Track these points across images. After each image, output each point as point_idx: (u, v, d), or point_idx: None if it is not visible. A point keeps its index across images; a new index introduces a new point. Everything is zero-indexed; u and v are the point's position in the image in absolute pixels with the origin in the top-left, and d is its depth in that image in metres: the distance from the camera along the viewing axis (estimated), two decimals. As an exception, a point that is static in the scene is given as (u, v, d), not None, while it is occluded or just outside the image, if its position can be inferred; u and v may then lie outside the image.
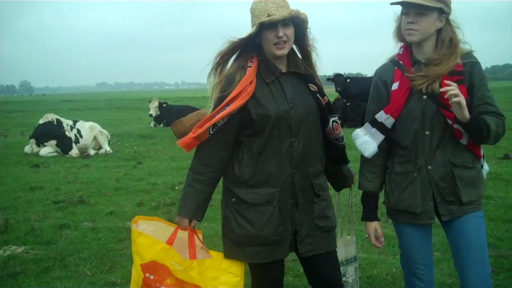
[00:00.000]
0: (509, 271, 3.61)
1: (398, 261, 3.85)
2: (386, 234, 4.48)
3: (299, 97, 2.25)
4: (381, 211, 5.14)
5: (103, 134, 11.09)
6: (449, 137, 2.20)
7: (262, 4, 2.16)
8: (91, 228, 5.04)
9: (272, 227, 2.20)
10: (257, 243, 2.21)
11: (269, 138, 2.19)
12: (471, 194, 2.21)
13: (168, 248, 2.27)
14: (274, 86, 2.23)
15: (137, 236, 2.30)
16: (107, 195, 6.59)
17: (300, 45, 2.33)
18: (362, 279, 3.58)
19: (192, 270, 2.24)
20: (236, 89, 2.15)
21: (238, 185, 2.23)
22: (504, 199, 5.61)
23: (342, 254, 2.70)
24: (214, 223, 4.91)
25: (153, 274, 2.26)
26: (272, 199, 2.20)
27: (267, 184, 2.20)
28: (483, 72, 2.24)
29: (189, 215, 2.25)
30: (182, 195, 2.31)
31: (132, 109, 31.35)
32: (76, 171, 8.57)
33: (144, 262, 2.27)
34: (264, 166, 2.19)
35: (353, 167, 2.73)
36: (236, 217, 2.23)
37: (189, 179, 2.27)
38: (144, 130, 15.87)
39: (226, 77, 2.23)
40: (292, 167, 2.22)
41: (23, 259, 4.15)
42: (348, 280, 2.75)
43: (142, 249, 2.29)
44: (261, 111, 2.17)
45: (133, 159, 9.87)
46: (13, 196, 6.53)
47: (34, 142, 10.56)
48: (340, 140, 2.40)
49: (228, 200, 2.27)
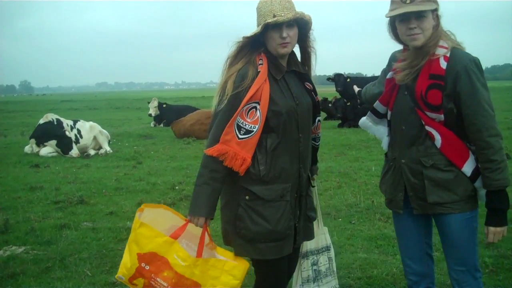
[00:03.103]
0: (509, 271, 3.61)
1: (398, 261, 3.86)
2: (386, 234, 4.51)
3: (301, 95, 2.34)
4: (382, 211, 5.16)
5: (103, 134, 11.08)
6: (425, 136, 2.23)
7: (268, 4, 2.21)
8: (91, 228, 5.04)
9: (286, 222, 2.26)
10: (271, 238, 2.24)
11: (281, 135, 2.25)
12: (440, 196, 2.22)
13: (172, 241, 2.28)
14: (281, 83, 2.30)
15: (139, 226, 2.31)
16: (107, 195, 6.58)
17: (301, 45, 2.39)
18: (362, 279, 3.58)
19: (196, 267, 2.26)
20: (253, 87, 2.18)
21: (253, 182, 2.24)
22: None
23: (312, 244, 2.80)
24: (214, 223, 4.90)
25: (150, 265, 2.27)
26: (285, 194, 2.26)
27: (280, 180, 2.25)
28: (477, 83, 2.11)
29: (206, 214, 2.24)
30: (196, 193, 2.26)
31: (132, 109, 31.35)
32: (76, 171, 8.56)
33: (142, 252, 2.28)
34: (278, 162, 2.25)
35: (352, 167, 2.74)
36: (251, 215, 2.24)
37: (204, 177, 2.23)
38: (144, 130, 15.87)
39: (237, 72, 2.25)
40: (299, 162, 2.31)
41: (23, 259, 4.15)
42: (320, 269, 2.84)
43: (143, 239, 2.29)
44: (275, 108, 2.22)
45: (133, 159, 9.86)
46: (13, 196, 6.52)
47: (34, 142, 10.54)
48: (317, 140, 2.54)
49: (241, 199, 2.26)
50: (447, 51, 2.16)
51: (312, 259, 2.80)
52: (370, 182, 6.66)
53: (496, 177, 2.11)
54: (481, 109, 2.11)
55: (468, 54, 2.18)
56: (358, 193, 6.05)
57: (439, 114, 2.17)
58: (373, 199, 5.65)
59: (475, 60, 2.15)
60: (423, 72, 2.19)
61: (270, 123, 2.22)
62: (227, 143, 2.18)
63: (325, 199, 5.91)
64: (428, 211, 2.28)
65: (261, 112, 2.18)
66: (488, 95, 2.15)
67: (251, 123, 2.17)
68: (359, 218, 5.04)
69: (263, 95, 2.18)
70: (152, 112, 17.13)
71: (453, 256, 2.30)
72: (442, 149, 2.20)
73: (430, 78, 2.16)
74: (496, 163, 2.11)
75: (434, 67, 2.16)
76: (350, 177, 7.07)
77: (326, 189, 6.40)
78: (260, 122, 2.18)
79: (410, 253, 2.46)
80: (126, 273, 2.32)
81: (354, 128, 13.33)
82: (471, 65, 2.13)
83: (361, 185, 6.54)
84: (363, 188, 6.35)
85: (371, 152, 9.53)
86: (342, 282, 3.54)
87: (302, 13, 2.23)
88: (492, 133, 2.11)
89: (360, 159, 8.75)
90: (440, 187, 2.22)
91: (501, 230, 2.18)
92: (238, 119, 2.18)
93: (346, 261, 3.90)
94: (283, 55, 2.29)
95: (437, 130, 2.19)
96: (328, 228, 4.80)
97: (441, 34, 2.19)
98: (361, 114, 16.51)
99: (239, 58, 2.29)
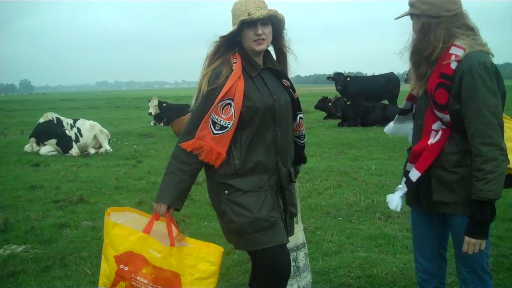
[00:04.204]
0: (509, 270, 3.61)
1: (398, 260, 3.86)
2: (386, 233, 4.51)
3: (278, 90, 2.43)
4: (382, 210, 5.16)
5: (103, 133, 11.08)
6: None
7: (243, 4, 2.33)
8: (91, 227, 5.04)
9: (267, 209, 2.31)
10: (258, 227, 2.29)
11: (256, 129, 2.32)
12: (444, 195, 2.22)
13: (145, 236, 2.30)
14: (257, 80, 2.39)
15: (112, 227, 2.32)
16: (107, 194, 6.58)
17: (276, 45, 2.50)
18: (362, 278, 3.58)
19: (172, 256, 2.28)
20: (227, 85, 2.27)
21: (229, 176, 2.32)
22: (504, 198, 5.59)
23: (292, 241, 2.85)
24: (214, 222, 4.91)
25: (128, 265, 2.28)
26: (263, 185, 2.33)
27: (256, 172, 2.32)
28: (480, 87, 2.05)
29: (168, 202, 2.31)
30: (163, 182, 2.36)
31: (132, 108, 31.34)
32: (76, 170, 8.56)
33: (119, 254, 2.29)
34: (252, 155, 2.32)
35: (352, 166, 2.75)
36: (232, 207, 2.31)
37: (172, 168, 2.33)
38: (144, 129, 15.87)
39: (213, 70, 2.35)
40: (277, 155, 2.38)
41: (23, 258, 4.15)
42: (299, 265, 2.96)
43: (117, 240, 2.30)
44: (250, 103, 2.30)
45: (133, 158, 9.86)
46: (13, 195, 6.52)
47: (34, 141, 10.54)
48: (301, 138, 2.61)
49: (221, 194, 2.33)
50: (463, 51, 2.12)
51: (292, 256, 2.87)
52: (370, 181, 6.66)
53: (480, 187, 2.04)
54: (478, 114, 2.05)
55: (481, 56, 2.10)
56: (358, 192, 6.04)
57: (445, 114, 2.17)
58: (373, 198, 5.64)
59: (485, 63, 2.07)
60: (436, 70, 2.19)
61: (245, 119, 2.30)
62: (203, 138, 2.28)
63: (325, 198, 5.92)
64: (434, 209, 2.28)
65: (235, 109, 2.26)
66: (494, 101, 2.06)
67: (225, 119, 2.26)
68: (359, 217, 5.04)
69: (237, 92, 2.27)
70: (152, 111, 17.12)
71: (459, 256, 2.28)
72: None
73: (440, 77, 2.16)
74: (483, 172, 2.03)
75: (445, 66, 2.15)
76: (350, 176, 7.07)
77: (326, 188, 6.41)
78: (234, 118, 2.26)
79: (422, 250, 2.46)
80: (106, 281, 2.32)
81: (354, 127, 13.33)
82: (478, 67, 2.06)
83: (361, 184, 6.53)
84: (363, 187, 6.34)
85: (371, 151, 9.53)
86: (342, 281, 3.54)
87: (276, 11, 2.33)
88: (486, 141, 2.03)
89: (360, 158, 8.75)
90: (445, 187, 2.21)
91: (475, 242, 2.09)
92: (213, 115, 2.27)
93: (346, 260, 3.90)
94: (259, 52, 2.39)
95: (442, 130, 2.19)
96: (328, 227, 4.84)
97: (456, 35, 2.17)
98: (361, 113, 16.35)
99: (216, 58, 2.38)
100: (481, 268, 2.25)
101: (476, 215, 2.08)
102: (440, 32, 2.17)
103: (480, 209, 2.07)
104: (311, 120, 16.73)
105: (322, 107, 16.30)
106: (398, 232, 4.53)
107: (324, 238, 4.45)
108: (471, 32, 2.19)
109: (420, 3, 2.19)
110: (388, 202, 2.47)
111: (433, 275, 2.44)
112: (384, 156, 8.88)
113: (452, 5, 2.18)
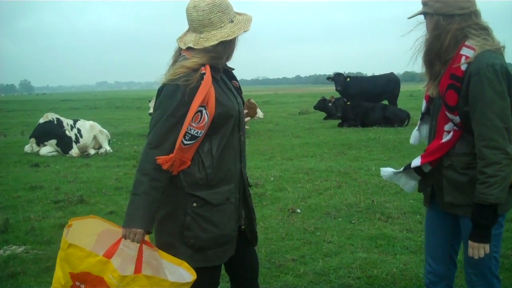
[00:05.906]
0: (509, 271, 3.60)
1: (398, 261, 3.86)
2: (386, 234, 4.50)
3: (236, 94, 2.31)
4: (382, 211, 5.16)
5: (103, 133, 11.07)
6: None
7: (229, 5, 2.17)
8: (91, 227, 5.04)
9: (232, 223, 2.23)
10: (219, 243, 2.19)
11: (227, 136, 2.19)
12: (455, 197, 2.21)
13: (105, 261, 2.07)
14: (221, 83, 2.23)
15: (67, 247, 2.11)
16: (107, 194, 6.58)
17: None
18: (362, 279, 3.58)
19: (135, 283, 2.04)
20: (201, 91, 2.07)
21: (200, 187, 2.13)
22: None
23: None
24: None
25: (85, 284, 2.08)
26: (230, 196, 2.21)
27: (225, 182, 2.19)
28: (487, 89, 2.00)
29: (144, 226, 2.07)
30: (133, 204, 2.10)
31: (132, 108, 31.32)
32: (76, 170, 8.55)
33: (75, 272, 2.08)
34: (223, 164, 2.18)
35: (352, 166, 2.75)
36: (199, 222, 2.13)
37: (143, 186, 2.05)
38: (144, 129, 15.85)
39: None
40: (241, 161, 2.30)
41: (23, 259, 4.16)
42: None
43: (73, 260, 2.09)
44: (221, 109, 2.13)
45: (133, 158, 9.84)
46: (13, 195, 6.52)
47: (34, 141, 10.54)
48: None
49: (188, 207, 2.13)
50: (473, 52, 2.08)
51: None
52: (370, 182, 6.66)
53: (481, 190, 2.01)
54: (483, 117, 2.02)
55: (490, 57, 2.05)
56: (358, 192, 6.04)
57: (455, 116, 2.15)
58: (373, 199, 5.64)
59: (494, 64, 2.02)
60: (447, 71, 2.17)
61: (216, 125, 2.13)
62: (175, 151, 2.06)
63: (325, 198, 5.91)
64: (447, 209, 2.27)
65: (208, 116, 2.07)
66: (501, 104, 2.01)
67: (197, 128, 2.06)
68: (359, 217, 5.04)
69: (209, 98, 2.08)
70: (152, 111, 17.12)
71: (466, 257, 2.25)
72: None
73: (451, 78, 2.14)
74: (485, 176, 2.00)
75: (455, 67, 2.12)
76: (350, 177, 7.06)
77: (326, 189, 6.40)
78: (206, 127, 2.07)
79: (433, 252, 2.44)
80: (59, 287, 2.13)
81: (354, 128, 13.33)
82: (486, 69, 2.01)
83: (361, 185, 6.53)
84: (363, 188, 6.34)
85: (371, 151, 9.53)
86: (342, 282, 3.54)
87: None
88: (490, 145, 2.00)
89: (360, 158, 8.75)
90: (456, 188, 2.20)
91: (478, 246, 2.07)
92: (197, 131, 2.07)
93: (346, 261, 3.90)
94: None
95: (454, 131, 2.18)
96: (328, 228, 4.84)
97: (468, 34, 2.13)
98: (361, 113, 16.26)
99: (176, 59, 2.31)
100: (489, 271, 2.22)
101: (478, 219, 2.06)
102: (453, 31, 2.14)
103: (481, 212, 2.05)
104: (311, 120, 16.73)
105: (322, 108, 16.29)
106: (398, 233, 4.53)
107: (324, 239, 4.45)
108: (484, 31, 2.15)
109: (434, 2, 2.15)
110: (381, 171, 2.56)
111: (442, 278, 2.42)
112: (384, 156, 8.88)
113: (465, 3, 2.13)
